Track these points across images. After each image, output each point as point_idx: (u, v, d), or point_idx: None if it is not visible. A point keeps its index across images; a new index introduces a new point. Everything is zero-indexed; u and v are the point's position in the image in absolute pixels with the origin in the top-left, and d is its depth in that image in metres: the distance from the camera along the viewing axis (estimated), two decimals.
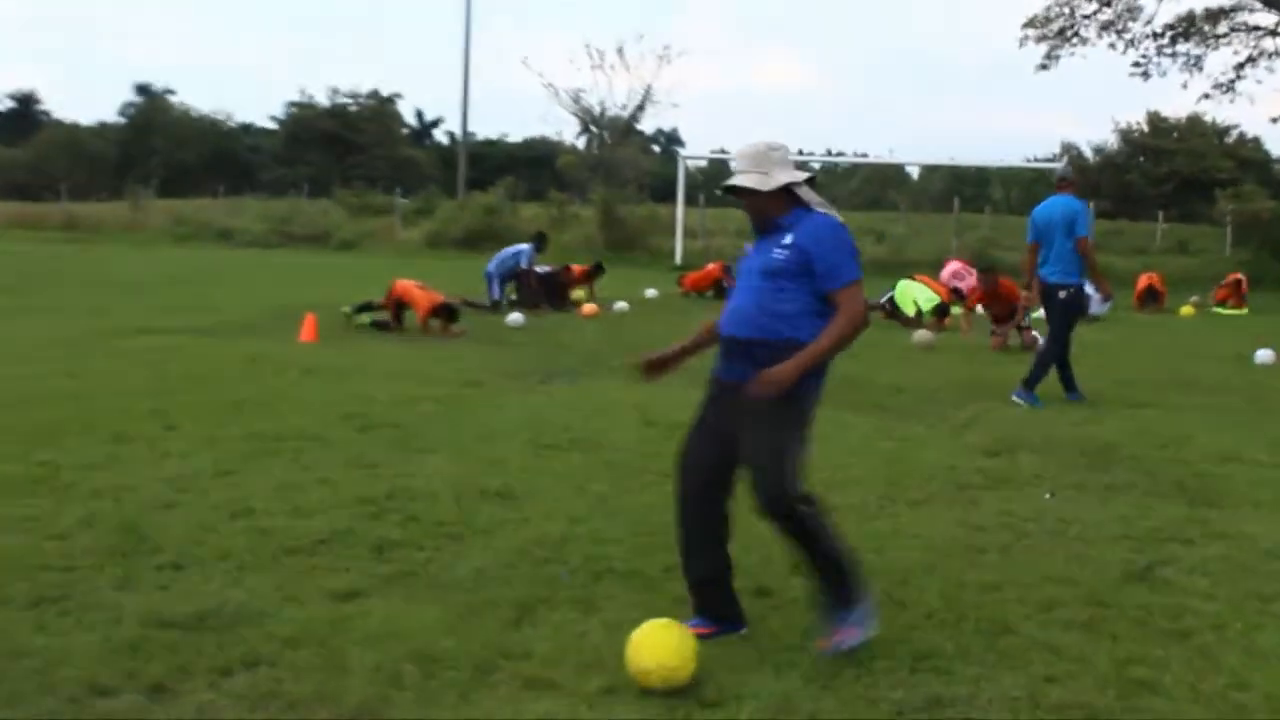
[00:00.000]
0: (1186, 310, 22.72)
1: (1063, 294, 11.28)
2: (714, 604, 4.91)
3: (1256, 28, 37.72)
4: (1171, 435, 9.41)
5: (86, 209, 46.27)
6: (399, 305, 15.78)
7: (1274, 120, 47.20)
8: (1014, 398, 11.02)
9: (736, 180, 4.84)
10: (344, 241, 38.84)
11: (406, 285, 15.80)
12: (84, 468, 7.18)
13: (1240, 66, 38.24)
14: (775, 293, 4.69)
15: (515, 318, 16.74)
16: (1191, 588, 5.59)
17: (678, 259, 32.81)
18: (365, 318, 15.82)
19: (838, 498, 7.04)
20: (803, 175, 4.87)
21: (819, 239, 4.70)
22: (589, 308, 19.16)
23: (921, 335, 15.89)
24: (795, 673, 4.39)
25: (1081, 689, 4.35)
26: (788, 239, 4.73)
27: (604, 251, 23.93)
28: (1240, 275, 24.92)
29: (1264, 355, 15.22)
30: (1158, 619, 5.11)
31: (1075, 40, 38.24)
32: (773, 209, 4.84)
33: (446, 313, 15.46)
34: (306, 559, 5.58)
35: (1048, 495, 7.32)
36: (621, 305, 19.30)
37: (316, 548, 5.75)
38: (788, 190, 4.83)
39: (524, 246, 19.86)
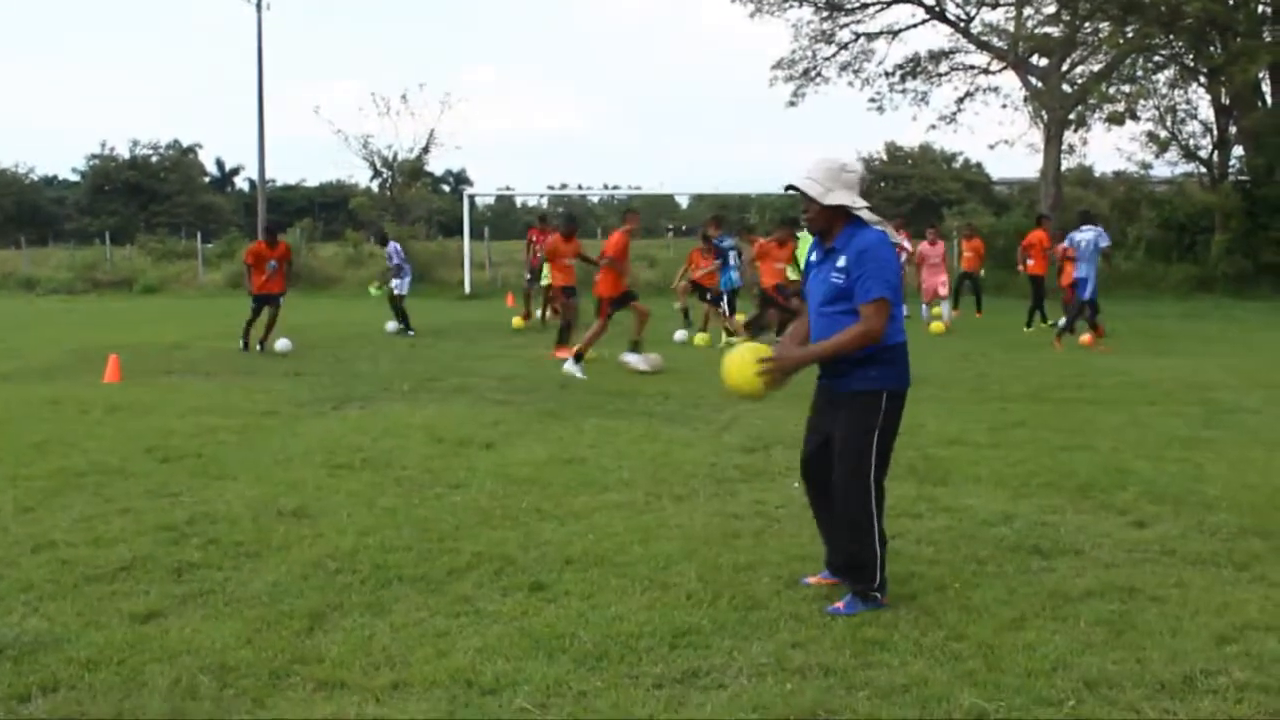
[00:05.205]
0: (936, 313, 23.08)
1: None
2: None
3: (973, 67, 39.51)
4: (907, 424, 9.51)
5: None
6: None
7: (991, 147, 49.54)
8: None
9: (798, 182, 5.06)
10: (148, 286, 37.49)
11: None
12: None
13: (960, 101, 39.96)
14: (839, 316, 5.01)
15: (283, 344, 16.35)
16: (919, 555, 5.87)
17: (467, 289, 32.65)
18: None
19: (609, 496, 7.15)
20: (863, 203, 5.09)
21: (860, 259, 4.96)
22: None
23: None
24: (566, 657, 4.45)
25: (822, 651, 4.53)
26: (840, 261, 5.02)
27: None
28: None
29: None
30: (889, 585, 5.33)
31: (818, 79, 39.44)
32: (825, 224, 5.09)
33: None
34: (107, 585, 5.41)
35: (796, 484, 7.53)
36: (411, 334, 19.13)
37: (117, 574, 5.57)
38: (845, 212, 5.05)
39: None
